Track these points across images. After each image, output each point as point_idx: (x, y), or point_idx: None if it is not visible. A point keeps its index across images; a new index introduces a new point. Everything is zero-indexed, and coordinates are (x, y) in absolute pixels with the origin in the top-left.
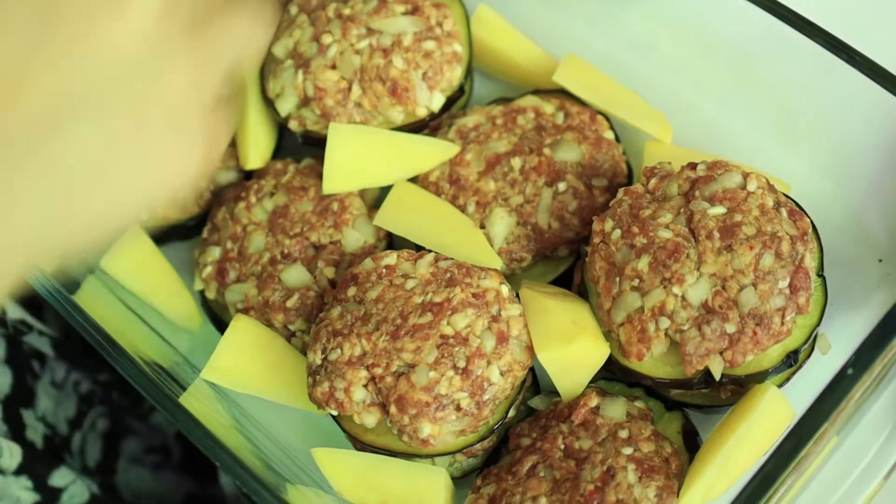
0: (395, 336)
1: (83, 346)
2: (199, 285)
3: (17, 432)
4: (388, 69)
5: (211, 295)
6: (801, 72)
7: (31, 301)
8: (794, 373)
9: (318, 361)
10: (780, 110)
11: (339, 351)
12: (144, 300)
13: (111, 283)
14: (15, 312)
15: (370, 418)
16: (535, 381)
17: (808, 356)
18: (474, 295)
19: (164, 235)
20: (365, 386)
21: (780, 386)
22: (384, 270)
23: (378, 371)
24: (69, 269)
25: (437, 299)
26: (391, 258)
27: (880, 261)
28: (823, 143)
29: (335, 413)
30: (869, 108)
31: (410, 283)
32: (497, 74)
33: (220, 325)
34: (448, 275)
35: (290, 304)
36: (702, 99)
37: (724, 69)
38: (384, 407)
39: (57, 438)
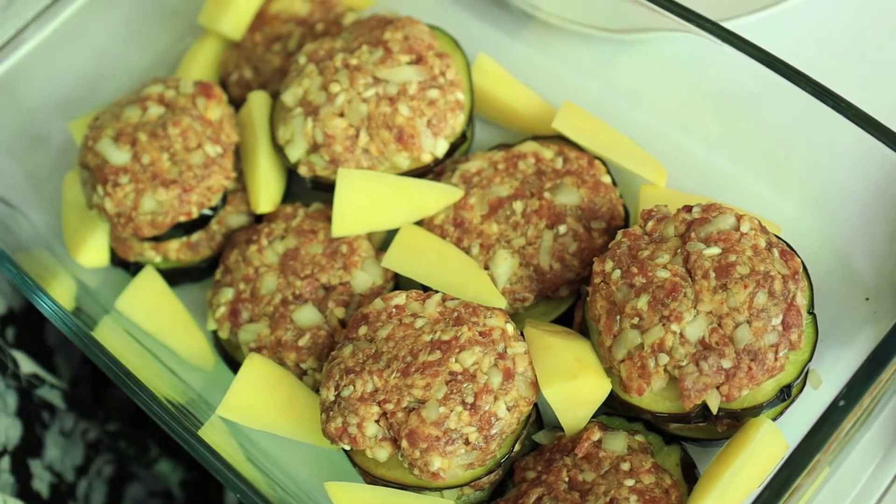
0: (406, 373)
1: (93, 396)
2: (212, 325)
3: (23, 483)
4: (394, 117)
5: (224, 335)
6: (789, 118)
7: (44, 354)
8: (787, 406)
9: (332, 398)
10: (769, 155)
11: (351, 387)
12: (158, 340)
13: (126, 323)
14: (28, 367)
15: (382, 452)
16: (539, 417)
17: (801, 391)
18: (481, 333)
19: (177, 277)
20: (377, 421)
21: (774, 419)
22: (394, 310)
23: (389, 407)
24: (86, 309)
25: (446, 337)
26: (400, 298)
27: (867, 299)
28: (811, 186)
29: (348, 448)
30: (854, 153)
31: (419, 322)
32: (497, 121)
33: (233, 364)
34: (455, 314)
35: (301, 343)
36: (693, 144)
37: (714, 115)
38: (395, 441)
39: (63, 486)
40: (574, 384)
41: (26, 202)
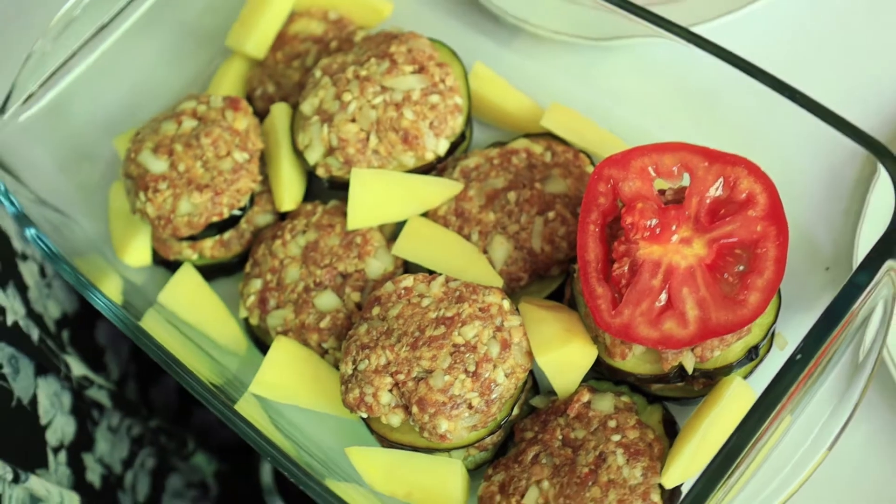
0: (415, 346)
1: (140, 390)
2: (243, 313)
3: (79, 476)
4: (400, 121)
5: (254, 321)
6: (752, 110)
7: (95, 354)
8: (755, 366)
9: (350, 371)
10: (736, 143)
11: (367, 361)
12: (197, 328)
13: (168, 314)
14: (79, 369)
15: (395, 418)
16: (535, 384)
17: (768, 351)
18: (480, 309)
19: (212, 272)
20: (390, 391)
21: (745, 377)
22: (403, 291)
23: (401, 377)
24: (132, 303)
25: (449, 314)
26: (408, 281)
27: (827, 269)
28: (775, 170)
29: (365, 415)
30: (811, 138)
31: (426, 302)
32: (492, 122)
33: (263, 347)
34: (457, 293)
35: (323, 325)
36: (668, 136)
37: (685, 110)
38: (407, 408)
39: (112, 478)
40: (564, 351)
41: (78, 211)
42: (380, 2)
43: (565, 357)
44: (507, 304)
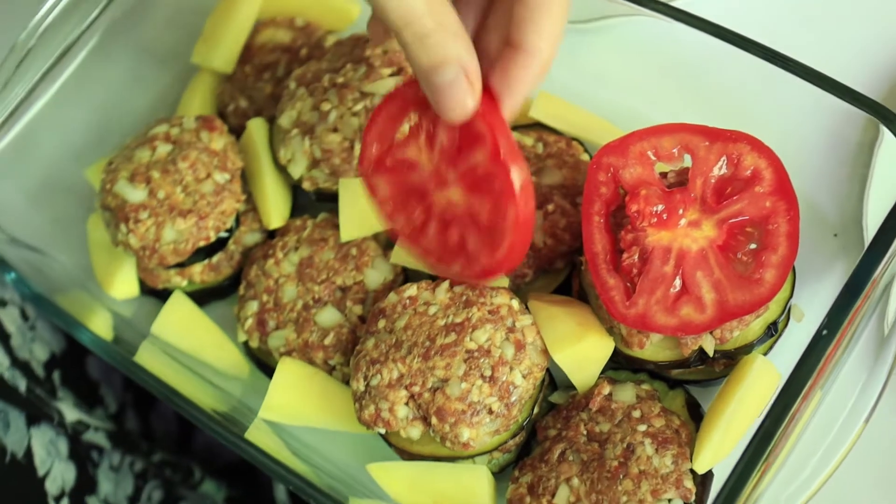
0: (427, 356)
1: (139, 421)
2: (242, 337)
3: None
4: None
5: (254, 344)
6: (743, 81)
7: (87, 393)
8: (775, 341)
9: (362, 388)
10: (730, 117)
11: (379, 376)
12: (195, 356)
13: (163, 345)
14: (73, 415)
15: (414, 431)
16: (552, 380)
17: (786, 325)
18: (490, 312)
19: (204, 297)
20: (406, 404)
21: (765, 354)
22: (408, 301)
23: (416, 389)
24: (124, 337)
25: (458, 320)
26: (412, 290)
27: (835, 235)
28: (773, 140)
29: (383, 431)
30: (807, 106)
31: (432, 309)
32: None
33: (266, 369)
34: (464, 297)
35: (327, 342)
36: (659, 115)
37: (675, 86)
38: (426, 419)
39: None
40: (580, 346)
41: (55, 247)
42: (347, 4)
43: (582, 352)
44: (516, 303)
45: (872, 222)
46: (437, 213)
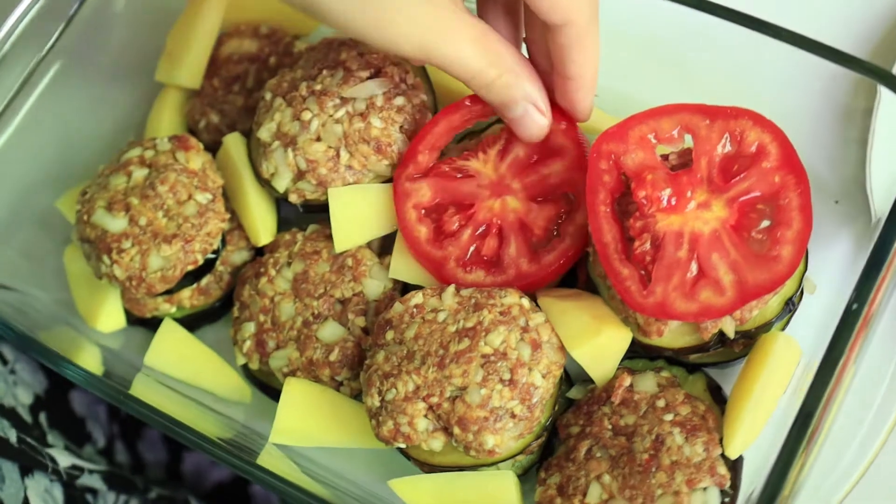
0: (442, 365)
1: (132, 469)
2: (241, 360)
3: None
4: (369, 130)
5: (255, 366)
6: (728, 54)
7: (75, 431)
8: (791, 317)
9: (378, 404)
10: (719, 91)
11: (394, 390)
12: (193, 384)
13: (158, 376)
14: (66, 460)
15: (436, 443)
16: (566, 374)
17: (801, 299)
18: (501, 313)
19: (195, 322)
20: (425, 416)
21: (782, 330)
22: (415, 310)
23: (434, 400)
24: (116, 371)
25: (470, 324)
26: (418, 298)
27: (836, 202)
28: (762, 109)
29: (403, 446)
30: (796, 74)
31: (441, 316)
32: None
33: (269, 391)
34: (473, 300)
35: (332, 357)
36: (645, 96)
37: (659, 65)
38: (447, 430)
39: None
40: (598, 340)
41: (31, 284)
42: None
43: (600, 345)
44: (526, 302)
45: (878, 185)
46: (477, 221)
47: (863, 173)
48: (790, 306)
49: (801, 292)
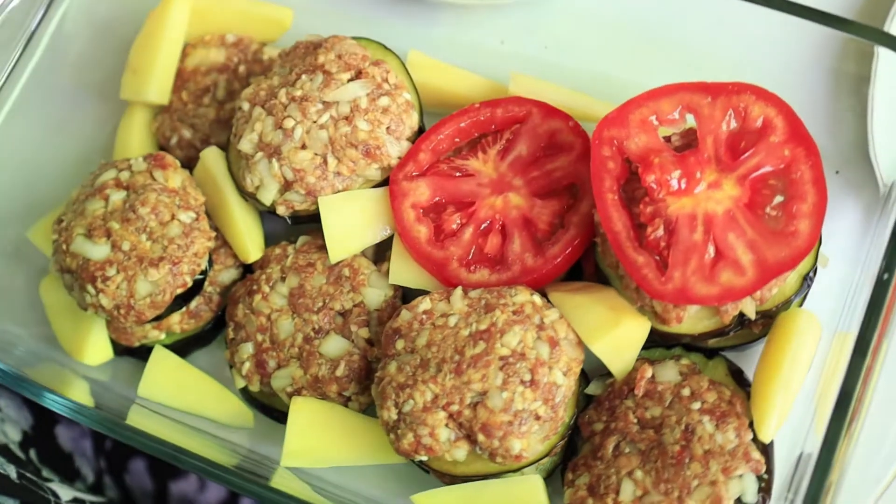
0: (459, 371)
1: (119, 496)
2: (240, 383)
3: None
4: (355, 134)
5: (255, 388)
6: (707, 27)
7: (64, 467)
8: (808, 292)
9: (395, 417)
10: (707, 65)
11: (411, 401)
12: (192, 412)
13: (154, 406)
14: (66, 494)
15: (459, 452)
16: (582, 371)
17: (816, 273)
18: (514, 312)
19: (186, 347)
20: (446, 425)
21: (799, 306)
22: (424, 316)
23: (454, 408)
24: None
25: (483, 326)
26: (426, 303)
27: (837, 172)
28: (766, 82)
29: (425, 458)
30: (792, 42)
31: (452, 320)
32: (445, 107)
33: (272, 412)
34: (483, 301)
35: (339, 372)
36: (638, 77)
37: (639, 45)
38: (469, 438)
39: None
40: (617, 332)
41: (8, 320)
42: (277, 12)
43: (619, 337)
44: (538, 299)
45: (881, 151)
46: (479, 219)
47: (862, 141)
48: (808, 282)
49: (816, 267)
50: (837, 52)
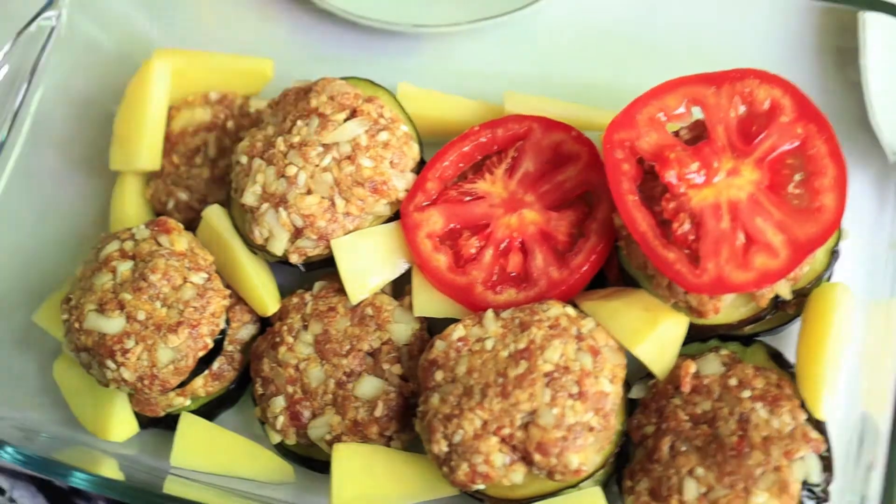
0: (505, 394)
1: None
2: (275, 438)
3: None
4: (360, 172)
5: (291, 441)
6: (692, 19)
7: None
8: (834, 266)
9: (445, 449)
10: (696, 57)
11: (461, 431)
12: (230, 475)
13: (190, 474)
14: None
15: (517, 476)
16: None
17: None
18: (550, 326)
19: (213, 410)
20: (500, 450)
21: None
22: (459, 344)
23: (506, 431)
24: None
25: (522, 345)
26: (459, 331)
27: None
28: (762, 63)
29: (482, 486)
30: (777, 25)
31: (489, 343)
32: (439, 136)
33: (312, 463)
34: (516, 321)
35: (377, 413)
36: (631, 79)
37: (626, 46)
38: (525, 459)
39: None
40: (657, 332)
41: (27, 407)
42: (259, 63)
43: (660, 337)
44: (571, 310)
45: (884, 120)
46: (497, 239)
47: (856, 113)
48: (835, 256)
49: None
50: (818, 28)
